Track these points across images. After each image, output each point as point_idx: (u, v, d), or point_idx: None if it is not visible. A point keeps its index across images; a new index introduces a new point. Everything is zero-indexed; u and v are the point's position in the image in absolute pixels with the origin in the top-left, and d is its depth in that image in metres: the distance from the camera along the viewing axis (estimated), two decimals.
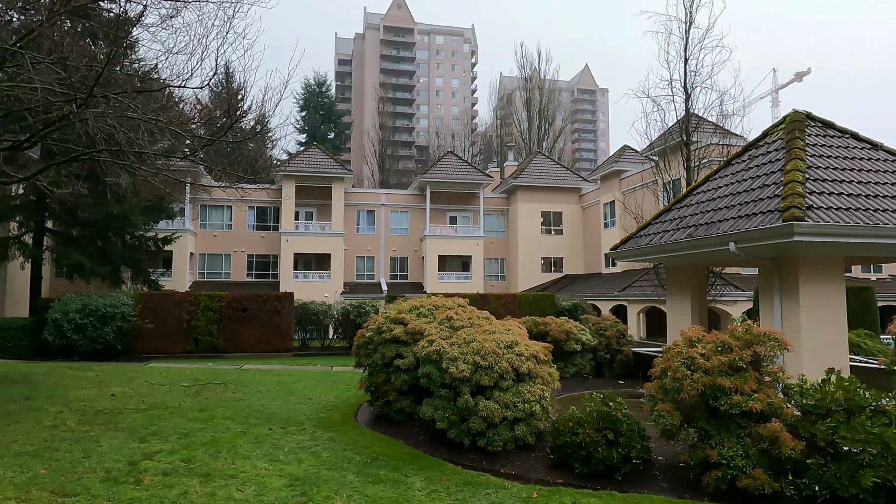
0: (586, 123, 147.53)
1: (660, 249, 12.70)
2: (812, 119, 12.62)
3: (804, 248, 9.77)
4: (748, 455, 6.17)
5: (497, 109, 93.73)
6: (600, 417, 7.25)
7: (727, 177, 12.82)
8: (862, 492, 5.72)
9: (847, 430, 5.88)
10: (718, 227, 11.05)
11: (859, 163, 11.36)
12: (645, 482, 6.92)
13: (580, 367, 16.38)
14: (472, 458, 7.87)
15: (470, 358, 7.99)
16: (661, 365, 6.99)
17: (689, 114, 19.84)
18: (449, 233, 41.92)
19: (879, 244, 9.73)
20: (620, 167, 37.14)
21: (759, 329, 6.79)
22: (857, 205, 9.96)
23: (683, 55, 19.67)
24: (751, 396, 6.20)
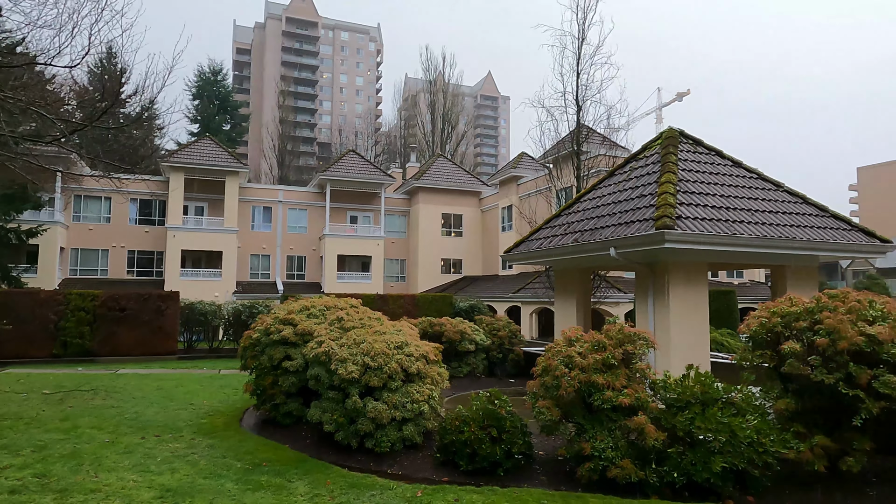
0: (488, 129, 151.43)
1: (549, 253, 13.28)
2: (685, 136, 13.77)
3: (674, 254, 10.63)
4: (618, 447, 6.59)
5: (401, 110, 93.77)
6: (485, 415, 7.45)
7: (611, 186, 13.67)
8: (713, 476, 6.30)
9: (702, 421, 6.45)
10: (601, 234, 11.75)
11: (722, 178, 12.53)
12: (526, 476, 7.19)
13: (474, 367, 16.76)
14: (360, 459, 7.80)
15: (359, 359, 7.91)
16: (543, 363, 7.31)
17: (580, 125, 20.94)
18: (349, 232, 41.35)
19: (737, 252, 10.79)
20: (518, 173, 38.47)
21: (630, 329, 7.29)
22: (719, 216, 10.98)
23: (576, 69, 20.75)
24: (621, 392, 6.64)
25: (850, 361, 6.36)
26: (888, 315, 6.79)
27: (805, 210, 12.36)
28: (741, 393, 6.83)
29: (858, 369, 6.29)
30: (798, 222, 11.76)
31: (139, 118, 15.03)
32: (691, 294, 11.15)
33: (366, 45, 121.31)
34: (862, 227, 12.30)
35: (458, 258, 43.37)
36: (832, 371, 6.44)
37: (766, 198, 12.25)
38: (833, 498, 6.47)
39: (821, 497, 6.48)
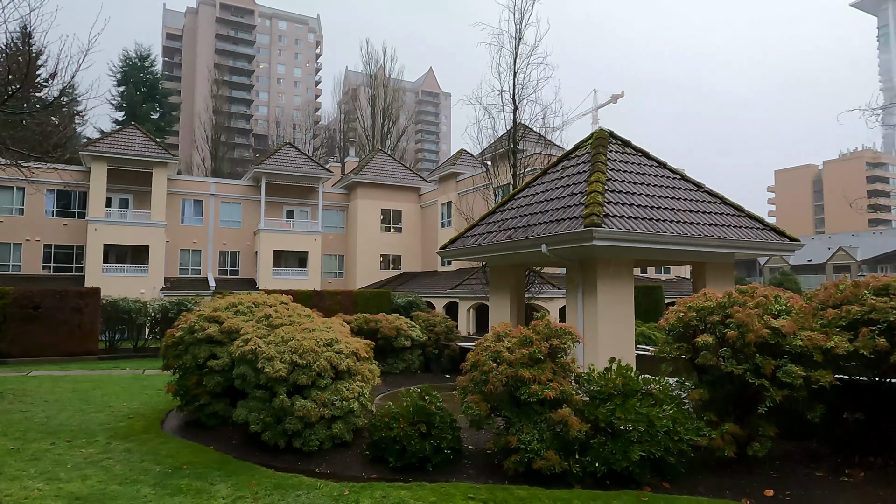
0: (429, 125, 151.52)
1: (483, 249, 13.44)
2: (614, 137, 14.24)
3: (602, 251, 10.98)
4: (543, 439, 6.75)
5: (341, 104, 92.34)
6: (416, 411, 7.46)
7: (544, 184, 13.96)
8: (631, 464, 6.56)
9: (622, 412, 6.71)
10: (533, 231, 11.99)
11: (648, 178, 13.03)
12: (455, 471, 7.26)
13: (410, 363, 16.75)
14: (288, 459, 7.65)
15: (287, 357, 7.74)
16: (472, 359, 7.39)
17: (516, 124, 21.26)
18: (285, 227, 40.40)
19: (660, 249, 11.25)
20: (457, 170, 38.69)
21: (556, 324, 7.48)
22: (644, 215, 11.43)
23: (513, 68, 21.02)
24: (547, 385, 6.80)
25: (757, 353, 6.77)
26: (791, 309, 7.26)
27: (723, 210, 13.04)
28: (659, 384, 7.14)
29: (764, 360, 6.70)
30: (716, 221, 12.40)
31: (54, 103, 14.10)
32: (618, 289, 11.56)
33: (305, 36, 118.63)
34: (773, 227, 13.10)
35: (398, 254, 43.21)
36: (741, 362, 6.83)
37: (688, 198, 12.84)
38: (740, 481, 6.87)
39: (729, 481, 6.87)
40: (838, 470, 7.09)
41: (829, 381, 6.68)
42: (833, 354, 6.80)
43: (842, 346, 6.70)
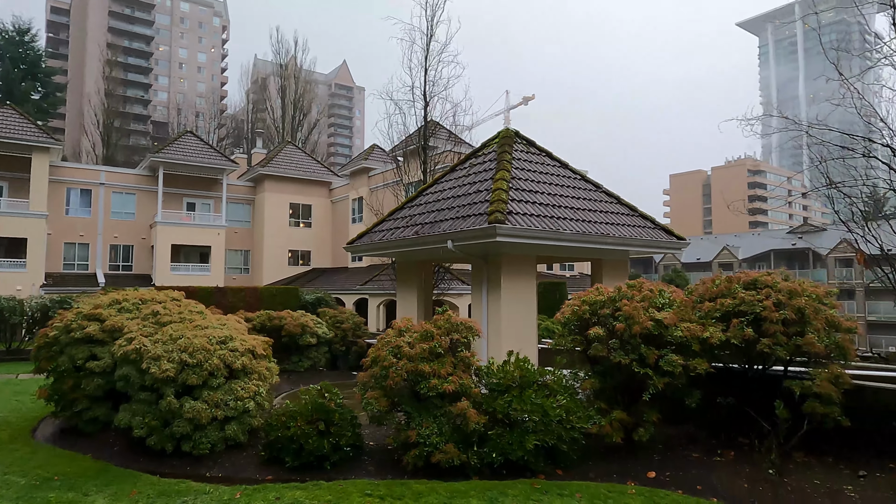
0: (342, 119, 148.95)
1: (391, 245, 13.37)
2: (519, 137, 14.62)
3: (506, 247, 11.25)
4: (442, 432, 6.81)
5: (249, 93, 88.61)
6: (314, 409, 7.28)
7: (451, 181, 14.09)
8: (526, 453, 6.76)
9: (518, 403, 6.89)
10: (440, 227, 12.07)
11: (551, 177, 13.50)
12: (354, 468, 7.16)
13: (316, 361, 16.38)
14: (176, 464, 7.22)
15: (176, 356, 7.30)
16: (373, 355, 7.32)
17: (427, 120, 21.34)
18: (186, 220, 38.21)
19: (561, 246, 11.69)
20: (369, 165, 38.28)
21: (456, 319, 7.56)
22: (546, 213, 11.82)
23: (424, 65, 21.09)
24: (446, 379, 6.86)
25: (642, 343, 7.19)
26: (674, 302, 7.77)
27: (619, 210, 13.75)
28: (554, 375, 7.40)
29: (648, 350, 7.13)
30: (613, 220, 13.05)
31: None
32: (521, 285, 11.88)
33: (209, 20, 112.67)
34: (663, 226, 13.99)
35: (307, 249, 42.13)
36: (628, 352, 7.23)
37: (588, 197, 13.43)
38: (627, 465, 7.28)
39: (617, 466, 7.25)
40: (712, 450, 7.69)
41: (705, 368, 7.22)
42: (709, 344, 7.35)
43: (716, 336, 7.26)
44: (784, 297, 7.32)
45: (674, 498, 6.22)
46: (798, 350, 7.25)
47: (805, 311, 7.22)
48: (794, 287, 7.47)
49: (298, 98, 71.28)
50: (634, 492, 6.32)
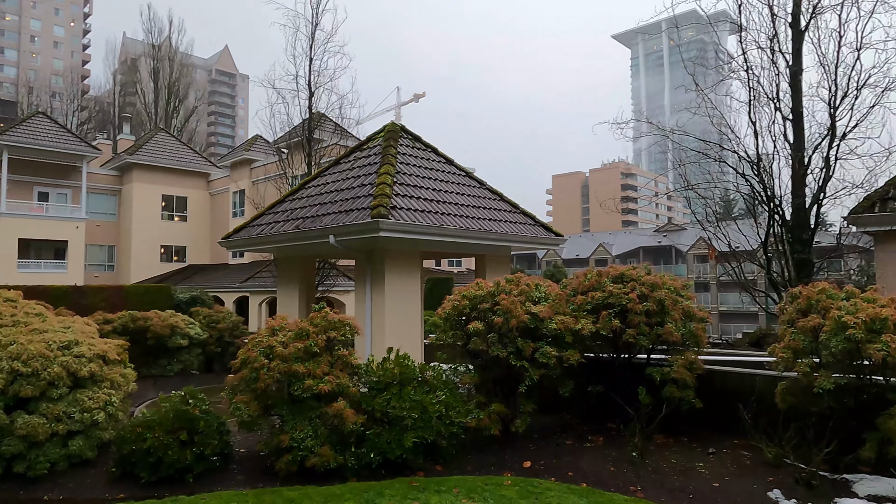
0: (225, 108, 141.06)
1: (270, 240, 12.71)
2: (406, 132, 14.50)
3: (389, 242, 11.08)
4: (318, 435, 6.51)
5: (117, 74, 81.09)
6: (176, 417, 6.68)
7: (335, 174, 13.68)
8: (405, 451, 6.65)
9: (397, 401, 6.76)
10: (322, 221, 11.65)
11: (436, 173, 13.51)
12: (221, 479, 6.66)
13: (187, 364, 15.25)
14: (6, 489, 6.31)
15: (6, 364, 6.37)
16: (243, 355, 6.86)
17: (311, 111, 20.61)
18: (37, 211, 34.14)
19: (445, 241, 11.73)
20: (252, 156, 36.45)
21: (334, 316, 7.28)
22: (430, 208, 11.79)
23: (309, 54, 20.32)
24: (322, 379, 6.56)
25: (519, 337, 7.34)
26: (549, 296, 8.02)
27: (502, 206, 14.08)
28: (433, 371, 7.36)
29: (525, 343, 7.30)
30: (496, 217, 13.33)
31: None
32: (406, 280, 11.78)
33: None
34: (543, 223, 14.53)
35: (182, 245, 39.31)
36: (506, 346, 7.36)
37: (472, 194, 13.62)
38: (504, 456, 7.41)
39: (494, 457, 7.36)
40: (583, 437, 8.05)
41: (577, 359, 7.52)
42: (581, 335, 7.67)
43: (587, 328, 7.59)
44: (647, 290, 7.81)
45: (547, 485, 6.40)
46: (659, 339, 7.78)
47: (665, 303, 7.75)
48: (655, 280, 8.00)
49: (173, 82, 66.42)
50: (510, 483, 6.42)
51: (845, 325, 6.03)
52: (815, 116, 10.52)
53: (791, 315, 6.88)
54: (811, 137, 10.24)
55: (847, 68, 9.82)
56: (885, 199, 10.39)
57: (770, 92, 10.54)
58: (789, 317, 6.89)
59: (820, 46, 10.08)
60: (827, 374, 6.26)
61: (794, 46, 10.40)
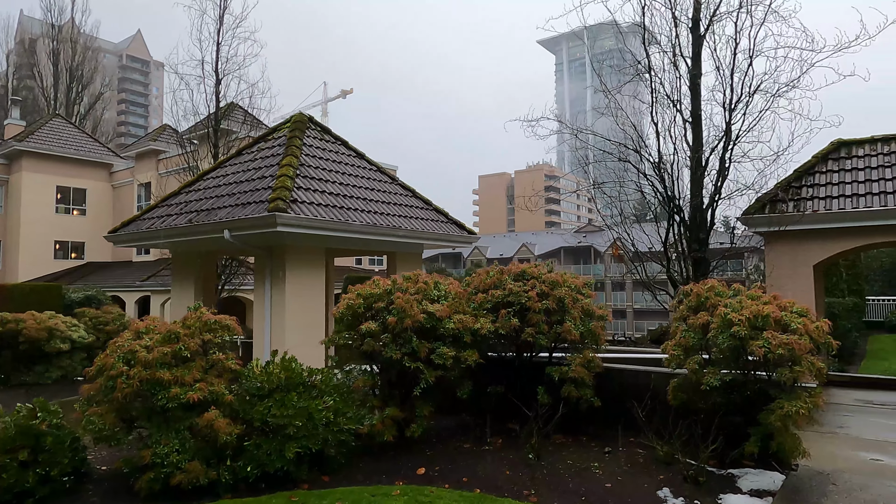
0: (136, 96, 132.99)
1: (160, 235, 11.75)
2: (314, 123, 13.84)
3: (290, 237, 10.44)
4: (186, 449, 5.87)
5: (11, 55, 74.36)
6: (18, 434, 5.84)
7: (237, 165, 12.84)
8: (287, 463, 6.13)
9: (279, 408, 6.23)
10: (217, 214, 10.84)
11: (345, 167, 12.97)
12: (73, 501, 5.88)
13: (69, 370, 13.88)
14: None
15: None
16: (100, 362, 6.09)
17: (219, 99, 19.44)
18: None
19: (351, 238, 11.20)
20: (159, 147, 34.21)
21: (211, 316, 6.64)
22: (336, 203, 11.25)
23: (216, 38, 19.13)
24: (191, 387, 5.93)
25: (415, 337, 6.99)
26: (449, 294, 7.72)
27: (414, 203, 13.72)
28: (321, 374, 6.87)
29: (420, 344, 6.95)
30: (407, 213, 12.96)
31: None
32: (309, 279, 11.17)
33: None
34: (456, 221, 14.30)
35: (81, 241, 36.37)
36: (400, 347, 6.98)
37: (382, 189, 13.17)
38: (398, 463, 7.03)
39: (388, 465, 6.96)
40: (483, 439, 7.80)
41: (475, 359, 7.26)
42: (481, 335, 7.41)
43: (485, 327, 7.35)
44: (547, 288, 7.67)
45: (438, 493, 6.08)
46: (559, 338, 7.65)
47: (565, 301, 7.64)
48: (556, 278, 7.88)
49: (76, 66, 61.57)
50: (399, 492, 6.05)
51: (731, 322, 6.09)
52: (712, 120, 10.88)
53: (683, 312, 6.92)
54: (709, 140, 10.54)
55: (742, 74, 10.16)
56: (774, 200, 10.89)
57: (672, 94, 10.77)
58: (681, 314, 6.93)
59: (717, 52, 10.39)
60: (715, 371, 6.31)
61: (694, 51, 10.67)
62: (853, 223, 10.06)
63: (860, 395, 10.86)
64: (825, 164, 11.10)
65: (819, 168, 11.10)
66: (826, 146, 11.36)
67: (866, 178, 10.46)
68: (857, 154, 11.00)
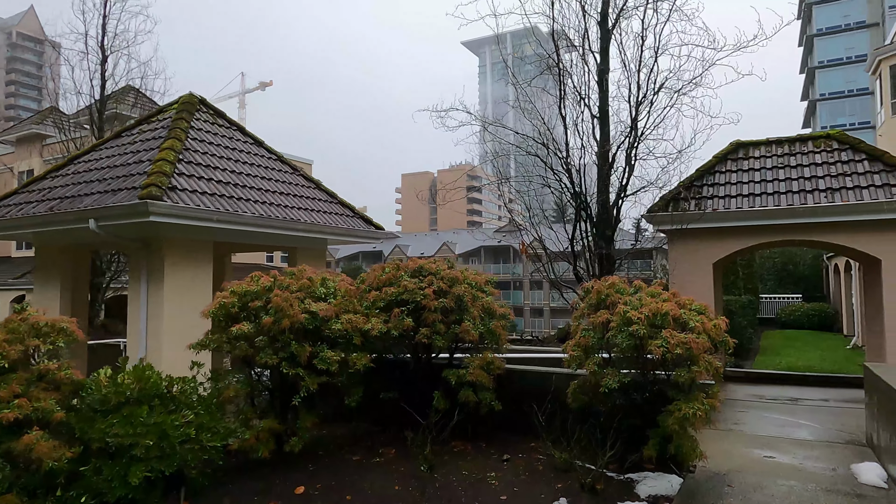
0: (30, 78, 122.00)
1: (15, 224, 10.27)
2: (206, 105, 12.64)
3: (169, 229, 9.31)
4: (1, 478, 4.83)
5: None
6: None
7: (113, 148, 11.47)
8: (131, 491, 5.21)
9: (124, 426, 5.29)
10: (82, 202, 9.54)
11: (240, 154, 11.90)
12: None
13: None
14: None
15: None
16: None
17: (104, 78, 17.65)
18: None
19: (242, 231, 10.21)
20: (44, 131, 31.03)
21: (40, 318, 5.59)
22: (225, 192, 10.21)
23: (102, 10, 17.36)
24: (8, 404, 4.89)
25: (294, 340, 6.23)
26: (339, 292, 7.01)
27: (318, 196, 12.85)
28: (181, 384, 5.98)
29: (300, 347, 6.20)
30: (308, 206, 12.08)
31: None
32: (192, 276, 10.06)
33: None
34: (362, 215, 13.55)
35: None
36: (277, 351, 6.20)
37: (282, 180, 12.22)
38: (276, 480, 6.25)
39: (263, 483, 6.17)
40: (374, 450, 7.16)
41: (365, 363, 6.61)
42: (372, 336, 6.76)
43: (376, 328, 6.70)
44: (445, 285, 7.13)
45: None
46: (457, 339, 7.14)
47: (464, 299, 7.13)
48: (455, 275, 7.37)
49: None
50: None
51: (630, 320, 5.79)
52: (619, 116, 10.78)
53: (583, 311, 6.59)
54: (616, 136, 10.44)
55: (648, 70, 10.11)
56: (677, 199, 10.95)
57: (580, 89, 10.58)
58: (581, 312, 6.60)
59: (624, 47, 10.29)
60: (614, 372, 6.00)
61: (602, 45, 10.54)
62: (750, 222, 10.25)
63: (754, 390, 11.15)
64: (725, 164, 11.31)
65: (719, 168, 11.28)
66: (726, 146, 11.59)
67: (762, 179, 10.71)
68: (753, 155, 11.27)
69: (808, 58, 63.03)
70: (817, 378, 11.88)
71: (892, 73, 20.69)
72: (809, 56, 62.43)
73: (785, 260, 33.64)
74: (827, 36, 60.22)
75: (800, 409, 9.58)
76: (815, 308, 26.10)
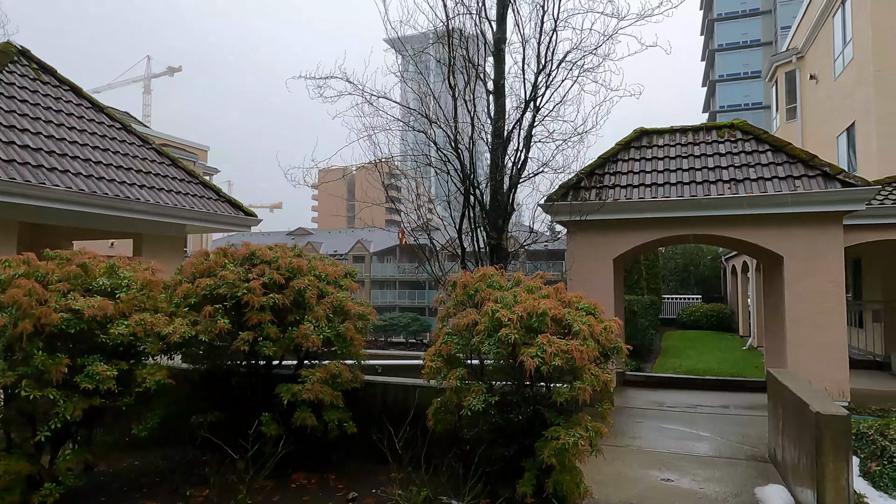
0: None
1: None
2: (28, 57, 10.36)
3: None
4: None
5: None
6: None
7: None
8: None
9: None
10: None
11: (68, 118, 9.76)
12: None
13: None
14: None
15: None
16: None
17: None
18: None
19: (55, 209, 8.19)
20: None
21: None
22: (32, 160, 8.11)
23: None
24: None
25: (43, 350, 4.47)
26: (135, 284, 5.28)
27: (174, 174, 10.87)
28: None
29: (53, 359, 4.44)
30: (159, 185, 10.11)
31: None
32: None
33: None
34: (230, 199, 11.68)
35: None
36: (15, 365, 4.42)
37: (125, 152, 10.18)
38: None
39: None
40: (179, 492, 5.47)
41: (160, 378, 4.93)
42: (172, 342, 5.09)
43: (180, 331, 5.04)
44: (282, 277, 5.58)
45: None
46: (294, 344, 5.60)
47: (305, 295, 5.60)
48: (300, 265, 5.82)
49: None
50: None
51: (500, 322, 4.50)
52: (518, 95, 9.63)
53: (449, 310, 5.26)
54: (512, 112, 9.27)
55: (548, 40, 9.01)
56: (577, 187, 9.96)
57: (474, 59, 9.34)
58: (447, 312, 5.26)
59: (520, 12, 9.13)
60: (479, 389, 4.69)
61: (500, 11, 9.35)
62: (653, 214, 9.42)
63: (654, 396, 10.37)
64: (628, 152, 10.46)
65: (622, 156, 10.42)
66: (629, 133, 10.76)
67: (665, 168, 9.92)
68: (657, 143, 10.50)
69: (709, 72, 66.44)
70: (717, 382, 11.33)
71: (787, 78, 21.17)
72: (711, 70, 65.82)
73: (686, 261, 34.48)
74: (726, 52, 63.74)
75: (700, 417, 8.81)
76: (714, 309, 26.61)
